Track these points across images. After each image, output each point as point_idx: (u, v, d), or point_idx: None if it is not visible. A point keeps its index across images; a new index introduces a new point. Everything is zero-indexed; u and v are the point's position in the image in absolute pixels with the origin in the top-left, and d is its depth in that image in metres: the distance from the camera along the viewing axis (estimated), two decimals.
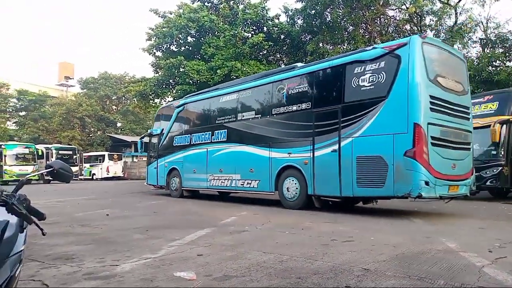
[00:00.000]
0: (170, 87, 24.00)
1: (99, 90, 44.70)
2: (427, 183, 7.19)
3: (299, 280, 3.51)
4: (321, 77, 9.44)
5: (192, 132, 12.75)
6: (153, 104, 25.29)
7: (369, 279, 3.51)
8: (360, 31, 21.78)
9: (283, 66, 26.22)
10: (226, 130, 11.40)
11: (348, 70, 8.51)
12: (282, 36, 24.77)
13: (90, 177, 32.94)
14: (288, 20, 24.49)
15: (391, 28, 22.49)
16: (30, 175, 1.96)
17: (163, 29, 22.53)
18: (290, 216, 8.28)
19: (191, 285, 3.40)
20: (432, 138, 7.38)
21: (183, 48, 23.95)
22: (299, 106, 9.48)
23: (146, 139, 15.98)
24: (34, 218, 1.71)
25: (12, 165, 25.36)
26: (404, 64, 7.55)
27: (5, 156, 25.49)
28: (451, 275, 3.65)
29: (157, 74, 23.81)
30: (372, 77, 7.99)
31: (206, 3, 24.42)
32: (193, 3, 24.00)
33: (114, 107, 48.15)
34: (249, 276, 3.67)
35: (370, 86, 8.01)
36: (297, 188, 9.35)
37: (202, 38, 23.07)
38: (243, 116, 10.97)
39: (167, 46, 23.59)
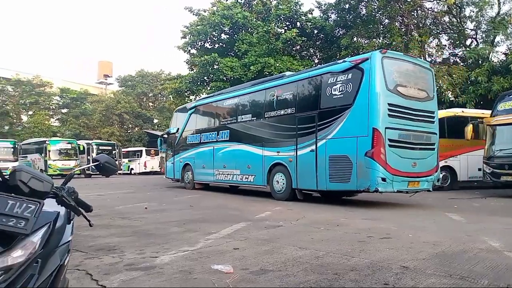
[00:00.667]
0: (205, 84, 24.32)
1: (137, 88, 45.91)
2: (384, 180, 8.25)
3: (336, 276, 3.49)
4: (303, 86, 10.51)
5: (201, 132, 14.13)
6: (188, 101, 25.71)
7: (408, 277, 3.45)
8: (396, 24, 21.19)
9: (316, 61, 26.09)
10: (228, 130, 12.68)
11: (323, 80, 9.68)
12: (316, 31, 24.52)
13: (129, 172, 33.97)
14: (322, 14, 24.21)
15: (429, 20, 21.71)
16: (77, 169, 2.06)
17: (197, 27, 22.83)
18: (325, 212, 8.23)
19: (229, 278, 3.46)
20: (390, 140, 8.41)
21: (217, 45, 24.19)
22: (285, 111, 10.70)
23: (165, 137, 17.36)
24: (82, 210, 1.80)
25: (55, 160, 26.55)
26: (366, 76, 8.60)
27: (49, 151, 26.72)
28: (496, 275, 3.52)
29: (192, 72, 24.18)
30: (342, 87, 9.11)
31: (239, 0, 24.54)
32: (226, 0, 24.17)
33: (150, 104, 49.35)
34: (285, 270, 3.69)
35: (340, 94, 9.13)
36: (284, 183, 10.49)
37: (235, 35, 23.21)
38: (242, 118, 12.30)
39: (201, 43, 23.92)
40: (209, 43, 24.19)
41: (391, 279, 3.40)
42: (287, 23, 24.29)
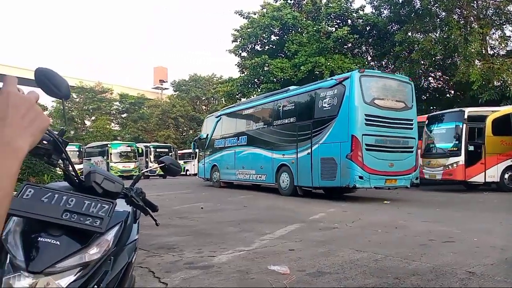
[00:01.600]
0: (255, 86, 24.53)
1: (190, 92, 47.27)
2: (361, 177, 9.77)
3: (397, 281, 3.38)
4: (302, 98, 12.15)
5: (226, 137, 15.92)
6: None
7: (475, 283, 3.27)
8: (454, 16, 20.04)
9: (369, 58, 25.41)
10: (246, 136, 14.43)
11: (316, 94, 11.27)
12: (368, 28, 23.89)
13: (184, 173, 35.05)
14: (374, 10, 23.53)
15: (491, 11, 20.30)
16: (145, 170, 2.16)
17: (248, 29, 23.07)
18: (382, 214, 7.98)
19: (286, 279, 3.47)
20: (367, 145, 9.86)
21: (267, 47, 24.31)
22: (289, 120, 12.37)
23: (196, 142, 19.56)
24: (149, 210, 1.89)
25: (116, 162, 27.99)
26: (347, 92, 10.14)
27: (110, 154, 28.25)
28: None
29: (243, 74, 24.48)
30: (329, 100, 10.69)
31: (288, 1, 24.50)
32: (276, 2, 24.22)
33: (204, 107, 50.59)
34: (343, 273, 3.64)
35: (328, 107, 10.71)
36: (288, 181, 12.15)
37: (285, 36, 23.20)
38: (256, 125, 14.16)
39: (251, 46, 24.14)
40: (259, 45, 24.36)
41: (456, 284, 3.24)
42: (338, 21, 23.87)
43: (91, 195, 1.47)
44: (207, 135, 17.43)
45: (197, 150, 19.39)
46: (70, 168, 1.57)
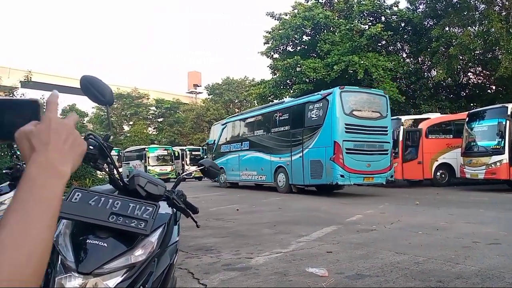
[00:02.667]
0: (288, 87, 24.43)
1: (224, 95, 47.76)
2: (342, 176, 11.54)
3: (440, 284, 3.27)
4: (295, 110, 13.93)
5: (231, 142, 17.74)
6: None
7: None
8: (495, 8, 19.18)
9: (404, 55, 24.75)
10: (248, 141, 16.25)
11: (306, 106, 13.10)
12: (403, 24, 23.31)
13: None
14: (409, 6, 22.92)
15: None
16: (187, 173, 2.21)
17: (279, 31, 23.04)
18: (422, 216, 7.75)
19: (324, 282, 3.43)
20: (347, 149, 11.63)
21: (298, 47, 24.18)
22: (284, 128, 14.23)
23: (205, 147, 22.10)
24: (190, 211, 1.92)
25: (154, 166, 28.69)
26: (330, 105, 11.94)
27: (148, 157, 29.01)
28: None
29: (275, 76, 24.44)
30: (317, 112, 12.52)
31: (320, 0, 24.28)
32: (307, 2, 24.07)
33: (237, 110, 50.91)
34: (383, 276, 3.56)
35: (316, 117, 12.54)
36: (284, 180, 13.97)
37: (317, 36, 23.00)
38: (257, 132, 15.96)
39: (283, 47, 24.08)
40: (291, 46, 24.26)
41: None
42: (371, 19, 23.42)
43: (135, 197, 1.52)
44: (215, 141, 19.31)
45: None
46: (115, 172, 1.63)
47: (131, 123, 46.53)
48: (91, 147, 1.56)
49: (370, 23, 22.89)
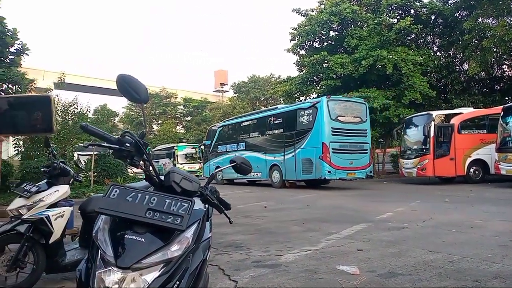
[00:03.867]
0: (315, 83, 24.20)
1: (250, 93, 47.83)
2: (329, 172, 13.63)
3: (477, 284, 3.18)
4: (287, 115, 15.98)
5: (227, 143, 19.46)
6: (300, 102, 25.84)
7: None
8: None
9: (435, 48, 24.06)
10: (244, 142, 18.12)
11: (297, 112, 15.21)
12: (433, 17, 22.65)
13: None
14: None
15: None
16: (218, 170, 2.23)
17: (306, 27, 22.82)
18: (455, 213, 7.53)
19: (355, 280, 3.39)
20: (333, 149, 13.71)
21: (325, 43, 23.88)
22: (278, 130, 16.32)
23: (202, 148, 23.82)
24: (223, 208, 1.94)
25: (183, 163, 29.14)
26: (319, 112, 14.02)
27: (177, 155, 29.54)
28: None
29: (301, 73, 24.26)
30: (307, 117, 14.63)
31: None
32: None
33: (263, 107, 51.01)
34: (417, 275, 3.48)
35: (306, 122, 14.65)
36: (278, 176, 15.93)
37: (344, 31, 22.65)
38: (253, 134, 17.85)
39: (310, 43, 23.84)
40: (318, 42, 23.98)
41: None
42: (400, 12, 22.87)
43: (170, 194, 1.54)
44: (211, 142, 20.91)
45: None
46: (151, 169, 1.66)
47: (160, 122, 47.36)
48: (127, 144, 1.60)
49: (398, 17, 22.36)
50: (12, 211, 3.55)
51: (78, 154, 17.09)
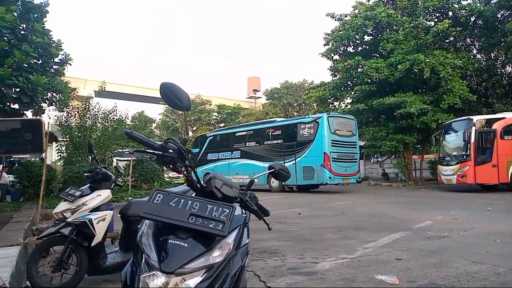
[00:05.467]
0: (349, 88, 23.90)
1: (282, 99, 47.82)
2: (330, 177, 15.72)
3: None
4: (287, 127, 18.02)
5: (219, 151, 20.83)
6: (332, 108, 25.57)
7: None
8: None
9: (475, 51, 23.18)
10: (239, 151, 19.61)
11: (298, 125, 17.29)
12: (472, 19, 21.83)
13: None
14: None
15: None
16: (257, 176, 2.23)
17: (340, 32, 22.61)
18: (499, 222, 7.19)
19: None
20: (333, 158, 15.88)
21: (360, 48, 23.56)
22: (277, 141, 18.08)
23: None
24: (262, 214, 1.94)
25: None
26: (320, 126, 16.15)
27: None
28: None
29: (335, 78, 24.02)
30: (308, 130, 16.67)
31: None
32: (368, 1, 23.43)
33: (295, 113, 50.81)
34: (460, 286, 3.34)
35: (307, 134, 16.65)
36: (277, 182, 16.57)
37: (379, 35, 22.26)
38: (249, 144, 19.37)
39: (344, 48, 23.59)
40: (352, 47, 23.69)
41: None
42: (437, 14, 22.22)
43: (211, 199, 1.56)
44: (199, 150, 21.97)
45: None
46: (193, 174, 1.69)
47: (194, 128, 48.14)
48: (170, 150, 1.64)
49: (436, 20, 21.72)
50: (57, 214, 3.71)
51: (116, 160, 17.65)
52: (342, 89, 23.62)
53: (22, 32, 10.28)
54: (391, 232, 6.23)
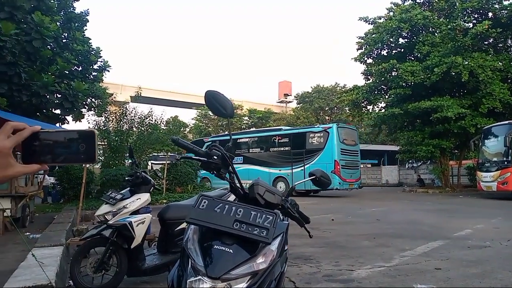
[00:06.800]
0: (383, 92, 23.47)
1: (314, 103, 47.51)
2: (339, 183, 17.06)
3: None
4: (295, 136, 19.28)
5: None
6: (365, 112, 25.18)
7: None
8: None
9: None
10: (242, 157, 20.28)
11: (307, 134, 18.67)
12: None
13: None
14: None
15: None
16: (298, 183, 2.24)
17: (373, 35, 22.27)
18: None
19: None
20: (342, 165, 17.36)
21: (394, 51, 23.11)
22: (284, 148, 19.29)
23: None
24: (303, 221, 1.94)
25: None
26: (330, 135, 17.63)
27: None
28: None
29: (369, 82, 23.65)
30: (318, 139, 18.12)
31: (417, 0, 23.01)
32: (403, 3, 22.95)
33: (327, 117, 50.35)
34: None
35: (317, 142, 18.10)
36: (284, 187, 18.17)
37: (415, 38, 21.76)
38: (253, 150, 20.48)
39: (377, 52, 23.22)
40: (386, 50, 23.27)
41: None
42: (476, 16, 21.45)
43: (253, 205, 1.58)
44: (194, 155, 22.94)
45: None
46: (236, 181, 1.71)
47: (226, 132, 48.63)
48: (215, 157, 1.67)
49: (475, 21, 20.98)
50: (99, 217, 3.85)
51: (151, 163, 18.07)
52: (375, 92, 23.25)
53: (64, 41, 10.79)
54: (428, 240, 6.06)
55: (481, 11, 21.06)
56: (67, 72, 10.11)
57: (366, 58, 23.45)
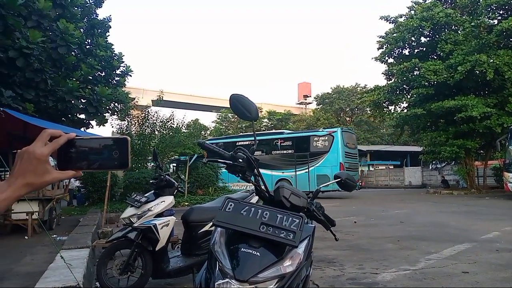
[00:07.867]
0: (405, 92, 23.10)
1: (334, 104, 47.14)
2: None
3: None
4: (298, 139, 20.19)
5: None
6: (387, 112, 24.80)
7: None
8: None
9: None
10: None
11: (311, 138, 19.51)
12: None
13: None
14: None
15: None
16: (323, 185, 2.22)
17: (394, 34, 21.95)
18: None
19: None
20: (346, 167, 17.66)
21: (416, 50, 22.71)
22: (287, 151, 19.97)
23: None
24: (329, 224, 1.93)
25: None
26: (335, 139, 18.54)
27: None
28: None
29: (390, 81, 23.31)
30: (322, 142, 18.92)
31: None
32: (425, 1, 22.55)
33: (347, 118, 49.87)
34: None
35: (322, 146, 18.87)
36: None
37: (437, 36, 21.32)
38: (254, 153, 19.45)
39: (399, 51, 22.87)
40: (408, 49, 22.89)
41: None
42: (501, 12, 20.84)
43: (279, 208, 1.58)
44: (190, 157, 22.56)
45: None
46: (261, 183, 1.72)
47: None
48: (240, 160, 1.68)
49: (500, 17, 20.39)
50: (125, 219, 3.92)
51: (172, 166, 18.28)
52: (397, 92, 22.90)
53: (87, 47, 11.06)
54: (455, 243, 5.92)
55: (506, 7, 20.47)
56: (91, 78, 10.36)
57: (387, 58, 23.14)
